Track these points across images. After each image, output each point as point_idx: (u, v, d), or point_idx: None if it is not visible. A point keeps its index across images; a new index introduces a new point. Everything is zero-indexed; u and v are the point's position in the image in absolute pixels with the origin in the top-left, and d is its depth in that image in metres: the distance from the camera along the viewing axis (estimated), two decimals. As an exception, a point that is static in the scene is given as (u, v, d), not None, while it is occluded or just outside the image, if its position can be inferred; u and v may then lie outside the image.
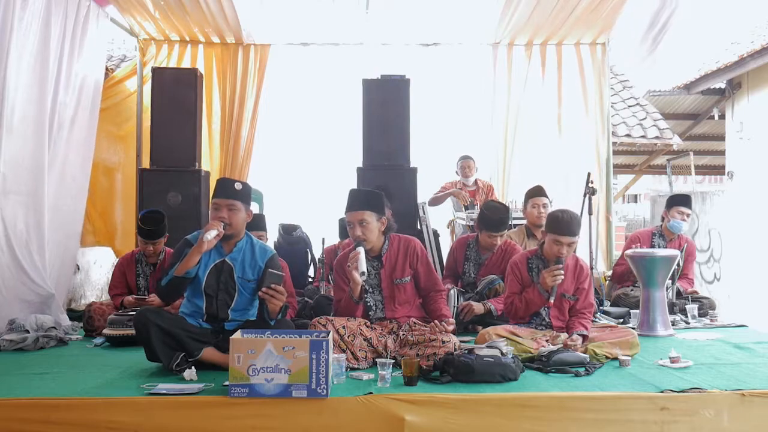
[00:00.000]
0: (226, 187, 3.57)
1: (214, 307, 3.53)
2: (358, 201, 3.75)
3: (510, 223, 5.94)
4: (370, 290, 3.77)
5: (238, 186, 3.56)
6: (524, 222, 5.45)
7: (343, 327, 3.53)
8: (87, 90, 5.96)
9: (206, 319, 3.54)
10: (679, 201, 5.47)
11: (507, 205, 5.40)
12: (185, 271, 3.43)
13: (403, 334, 3.57)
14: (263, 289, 3.31)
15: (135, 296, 4.83)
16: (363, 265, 3.54)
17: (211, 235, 3.39)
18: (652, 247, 5.32)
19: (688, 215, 5.42)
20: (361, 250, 3.59)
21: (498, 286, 4.64)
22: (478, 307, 4.49)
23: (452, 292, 4.52)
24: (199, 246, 3.41)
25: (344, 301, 3.72)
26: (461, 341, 3.69)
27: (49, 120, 5.24)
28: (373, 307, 3.78)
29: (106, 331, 4.26)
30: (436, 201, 6.63)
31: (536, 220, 5.19)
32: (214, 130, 7.35)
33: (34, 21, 4.97)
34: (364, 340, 3.54)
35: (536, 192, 5.33)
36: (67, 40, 5.52)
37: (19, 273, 4.76)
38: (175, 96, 6.37)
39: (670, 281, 4.88)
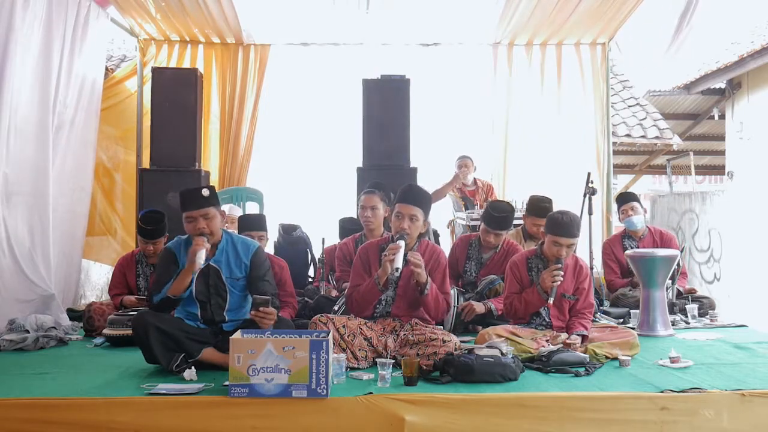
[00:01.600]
0: (195, 197, 3.47)
1: (209, 312, 3.53)
2: (415, 196, 3.75)
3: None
4: (387, 284, 3.77)
5: (205, 192, 3.49)
6: (522, 223, 5.45)
7: (344, 326, 3.53)
8: (86, 91, 5.98)
9: (203, 323, 3.54)
10: (622, 200, 5.54)
11: (513, 207, 5.41)
12: (180, 293, 3.42)
13: (404, 334, 3.58)
14: (252, 312, 3.28)
15: (135, 296, 4.82)
16: (399, 261, 3.52)
17: (203, 257, 3.36)
18: (624, 250, 5.28)
19: (633, 209, 5.42)
20: (402, 244, 3.58)
21: (498, 286, 4.64)
22: (479, 307, 4.49)
23: (452, 291, 4.52)
24: (190, 267, 3.37)
25: (365, 287, 3.69)
26: (461, 341, 3.70)
27: (51, 121, 5.26)
28: (383, 302, 3.78)
29: (106, 331, 4.25)
30: (436, 196, 6.61)
31: (536, 234, 5.16)
32: (213, 130, 7.35)
33: (35, 22, 4.98)
34: (364, 339, 3.54)
35: (539, 212, 5.06)
36: (68, 41, 5.55)
37: (19, 274, 4.76)
38: (175, 96, 6.37)
39: (670, 281, 4.88)
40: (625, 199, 5.53)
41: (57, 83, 5.38)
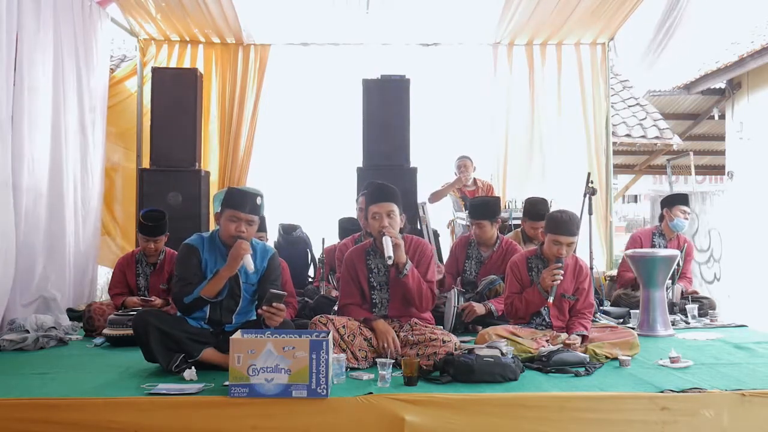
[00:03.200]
0: (250, 201, 3.46)
1: (217, 313, 3.53)
2: (388, 193, 3.73)
3: (509, 223, 5.97)
4: (378, 287, 3.77)
5: (259, 201, 3.50)
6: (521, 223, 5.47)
7: (343, 326, 3.53)
8: (97, 92, 6.07)
9: (207, 323, 3.54)
10: (682, 200, 5.46)
11: (497, 197, 5.46)
12: (214, 295, 3.41)
13: (404, 335, 3.58)
14: (264, 307, 3.25)
15: (138, 298, 4.81)
16: (390, 250, 3.51)
17: (251, 262, 3.38)
18: (653, 246, 5.30)
19: (689, 213, 5.43)
20: (387, 239, 3.55)
21: (498, 286, 4.64)
22: (479, 308, 4.50)
23: (452, 292, 4.53)
24: (229, 269, 3.38)
25: (354, 314, 3.70)
26: (461, 341, 3.70)
27: (66, 124, 5.34)
28: (378, 305, 3.78)
29: (106, 331, 4.25)
30: (437, 196, 6.63)
31: (535, 237, 5.16)
32: (213, 130, 7.35)
33: (45, 25, 5.03)
34: (364, 339, 3.54)
35: (536, 216, 5.06)
36: (80, 43, 5.63)
37: (27, 273, 4.81)
38: (175, 96, 6.38)
39: (670, 281, 4.88)
40: (686, 201, 5.47)
41: (78, 86, 5.52)
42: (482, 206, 4.93)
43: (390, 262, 3.52)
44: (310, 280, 5.77)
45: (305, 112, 7.76)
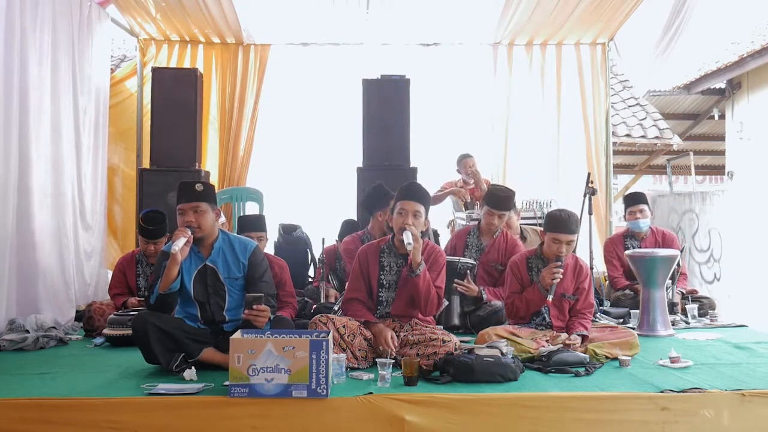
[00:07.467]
0: (188, 190, 3.48)
1: (208, 312, 3.52)
2: (417, 193, 3.74)
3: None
4: (387, 286, 3.77)
5: (199, 187, 3.48)
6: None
7: (344, 326, 3.52)
8: (97, 92, 6.09)
9: (203, 323, 3.54)
10: (631, 201, 5.42)
11: (513, 190, 5.48)
12: (169, 287, 3.38)
13: (404, 335, 3.58)
14: (246, 311, 3.26)
15: (138, 299, 4.81)
16: (409, 237, 3.52)
17: (180, 244, 3.30)
18: (626, 249, 5.21)
19: (641, 212, 5.32)
20: (408, 233, 3.55)
21: (471, 269, 4.72)
22: (473, 287, 4.60)
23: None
24: (173, 259, 3.33)
25: (360, 315, 3.68)
26: (461, 341, 3.70)
27: (66, 124, 5.35)
28: (383, 303, 3.78)
29: (106, 331, 4.26)
30: (435, 200, 6.62)
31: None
32: (213, 130, 7.35)
33: (44, 25, 5.03)
34: (364, 339, 3.54)
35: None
36: (76, 44, 5.62)
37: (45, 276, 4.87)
38: (175, 96, 6.39)
39: (670, 281, 4.87)
40: (635, 200, 5.41)
41: (77, 86, 5.52)
42: (508, 199, 4.95)
43: (409, 248, 3.52)
44: (310, 280, 5.77)
45: (305, 112, 7.77)
